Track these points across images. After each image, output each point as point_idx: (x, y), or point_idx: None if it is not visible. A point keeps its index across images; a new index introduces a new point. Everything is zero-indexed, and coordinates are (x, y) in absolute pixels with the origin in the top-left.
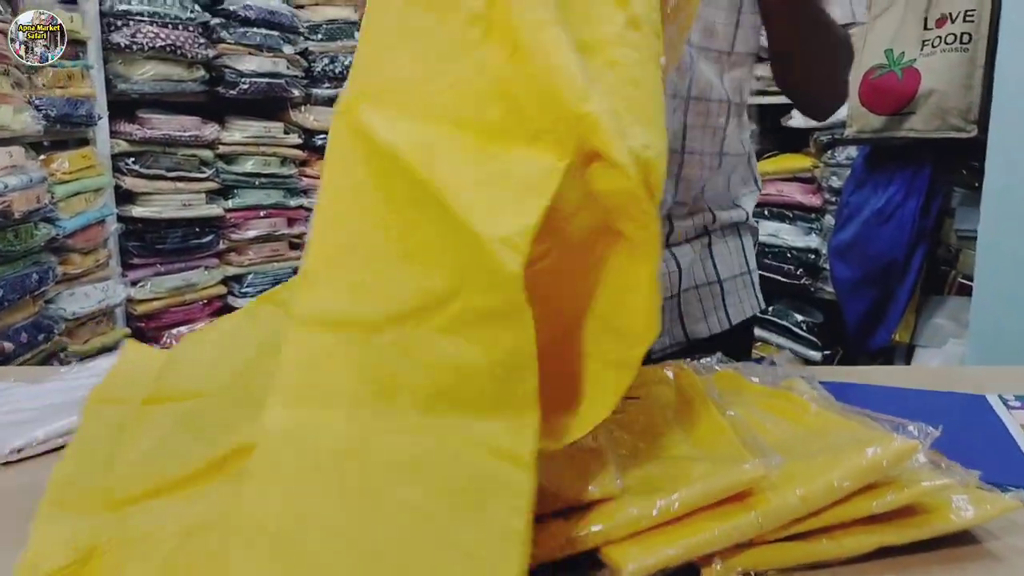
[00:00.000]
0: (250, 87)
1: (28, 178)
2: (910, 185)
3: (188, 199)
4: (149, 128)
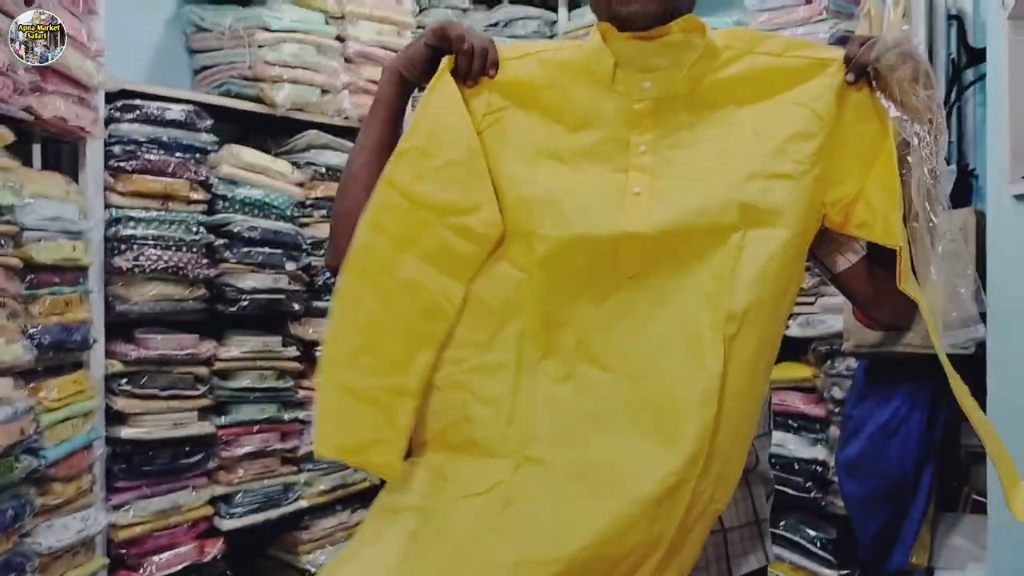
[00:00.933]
0: (250, 303)
1: (13, 410)
2: (913, 399)
3: (180, 418)
4: (146, 348)
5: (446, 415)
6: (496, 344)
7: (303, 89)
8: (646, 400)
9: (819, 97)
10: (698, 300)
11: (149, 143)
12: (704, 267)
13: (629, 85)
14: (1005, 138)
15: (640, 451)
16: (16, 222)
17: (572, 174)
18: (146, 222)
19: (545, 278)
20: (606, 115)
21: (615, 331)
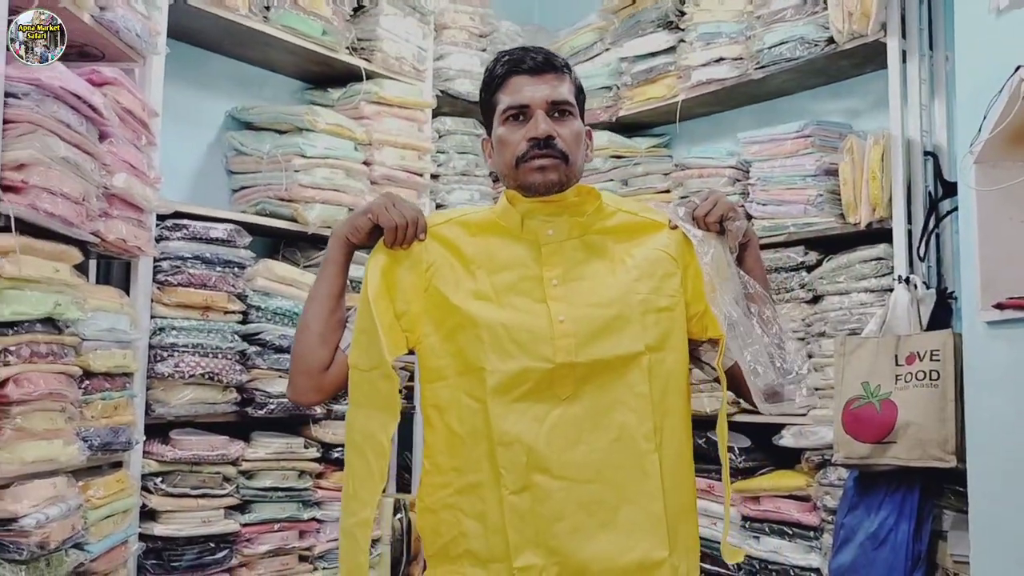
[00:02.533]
0: (277, 407)
1: (67, 507)
2: (901, 509)
3: (207, 516)
4: (180, 449)
5: (445, 532)
6: (470, 467)
7: (332, 209)
8: (599, 501)
9: (668, 244)
10: (626, 414)
11: (194, 259)
12: (625, 386)
13: (535, 232)
14: (976, 271)
15: (607, 542)
16: (79, 333)
17: (502, 310)
18: (187, 331)
19: (496, 405)
20: (520, 258)
21: (558, 444)
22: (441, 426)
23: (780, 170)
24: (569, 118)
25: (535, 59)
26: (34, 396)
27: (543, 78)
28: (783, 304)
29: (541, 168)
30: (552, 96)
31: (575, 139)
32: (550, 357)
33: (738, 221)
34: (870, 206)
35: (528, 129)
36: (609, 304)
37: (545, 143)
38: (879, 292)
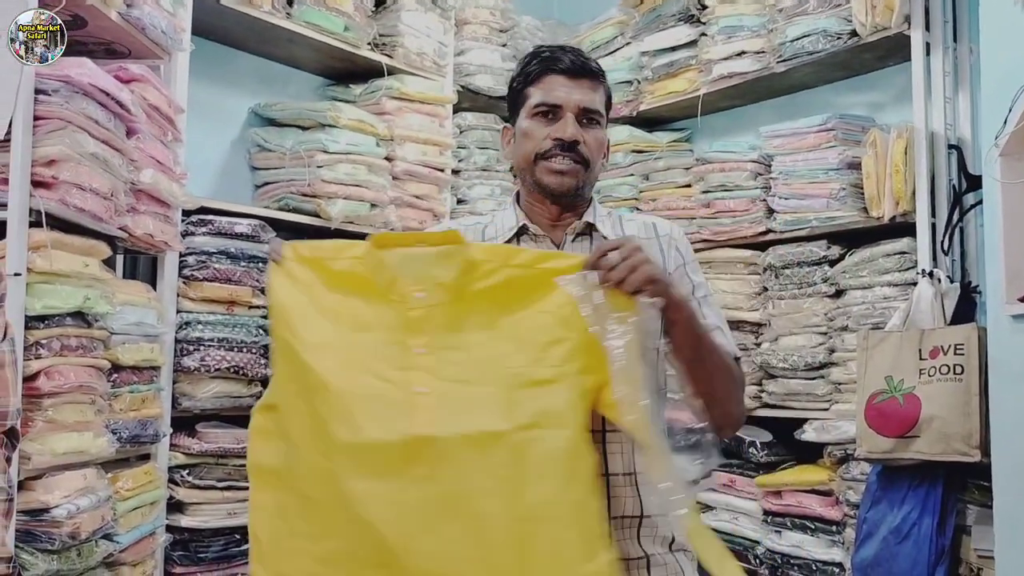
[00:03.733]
0: None
1: (97, 498)
2: (924, 503)
3: (233, 508)
4: (207, 441)
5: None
6: (328, 533)
7: (354, 204)
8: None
9: (563, 304)
10: (487, 502)
11: (219, 254)
12: (486, 469)
13: (404, 296)
14: (1001, 264)
15: None
16: (107, 327)
17: (359, 375)
18: (212, 325)
19: (347, 475)
20: (384, 320)
21: (412, 528)
22: (297, 488)
23: (802, 164)
24: (596, 127)
25: (575, 61)
26: (64, 389)
27: (579, 82)
28: (805, 299)
29: (560, 172)
30: (585, 102)
31: (598, 148)
32: (405, 429)
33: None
34: (893, 200)
35: (556, 129)
36: (477, 378)
37: (570, 146)
38: (902, 286)
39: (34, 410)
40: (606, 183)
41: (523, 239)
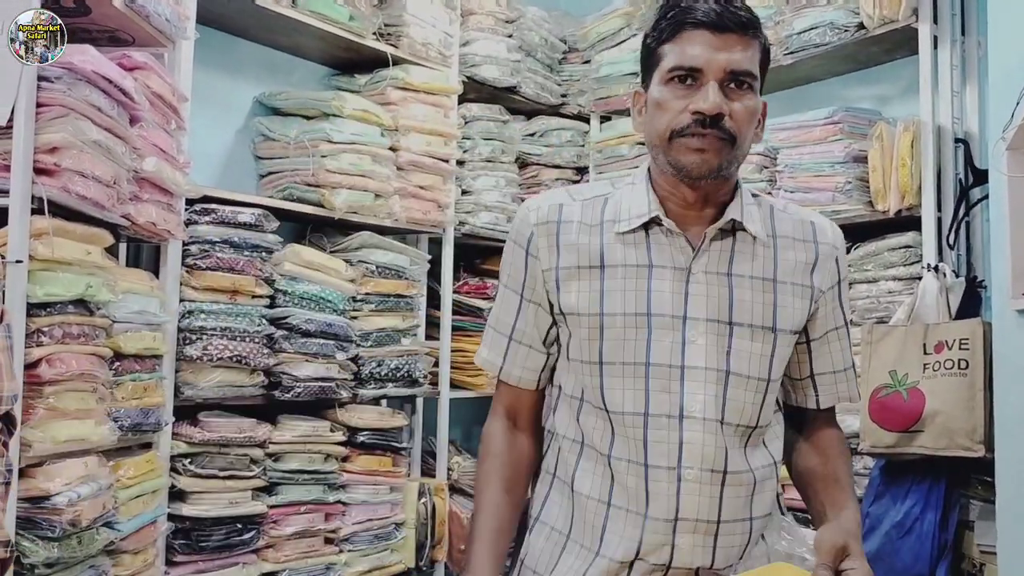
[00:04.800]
0: (303, 391)
1: (98, 486)
2: (927, 498)
3: (235, 497)
4: (208, 431)
5: None
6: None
7: (358, 194)
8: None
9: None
10: None
11: (222, 243)
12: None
13: None
14: (1007, 258)
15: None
16: (110, 315)
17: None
18: (215, 314)
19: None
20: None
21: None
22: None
23: (809, 157)
24: (748, 92)
25: (721, 12)
26: (66, 376)
27: (725, 38)
28: None
29: (700, 150)
30: (732, 64)
31: (749, 118)
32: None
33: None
34: (899, 193)
35: (696, 100)
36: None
37: (713, 120)
38: (908, 280)
39: (35, 397)
40: (613, 176)
41: (652, 232)
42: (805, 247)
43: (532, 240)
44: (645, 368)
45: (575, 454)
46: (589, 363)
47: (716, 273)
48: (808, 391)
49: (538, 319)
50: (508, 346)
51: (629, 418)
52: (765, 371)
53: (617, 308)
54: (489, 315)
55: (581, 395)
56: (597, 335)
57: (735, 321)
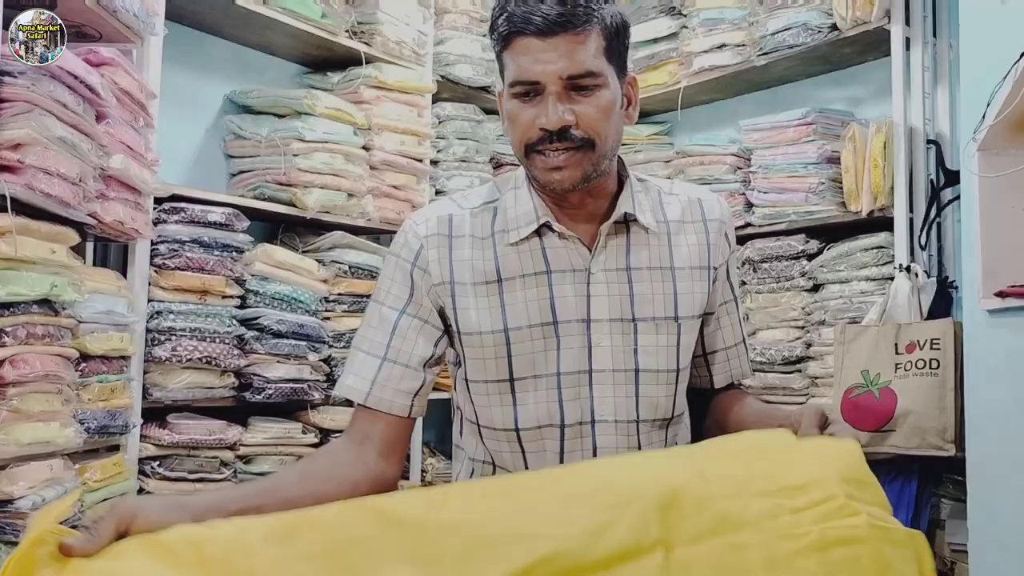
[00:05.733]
0: (275, 392)
1: (64, 489)
2: (899, 497)
3: None
4: (178, 433)
5: None
6: None
7: (331, 194)
8: None
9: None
10: None
11: (192, 242)
12: None
13: None
14: (978, 258)
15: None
16: (75, 316)
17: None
18: (184, 315)
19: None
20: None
21: None
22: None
23: (782, 158)
24: (595, 92)
25: (545, 14)
26: (30, 378)
27: (555, 42)
28: (783, 293)
29: (557, 168)
30: (569, 70)
31: (603, 115)
32: None
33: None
34: (872, 194)
35: (539, 112)
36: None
37: (560, 134)
38: (880, 281)
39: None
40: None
41: (545, 236)
42: (695, 228)
43: (421, 253)
44: (556, 379)
45: (488, 475)
46: (497, 382)
47: (615, 270)
48: (702, 371)
49: (422, 336)
50: (380, 367)
51: (546, 430)
52: (673, 362)
53: (522, 321)
54: (355, 339)
55: (479, 419)
56: (504, 352)
57: (638, 317)
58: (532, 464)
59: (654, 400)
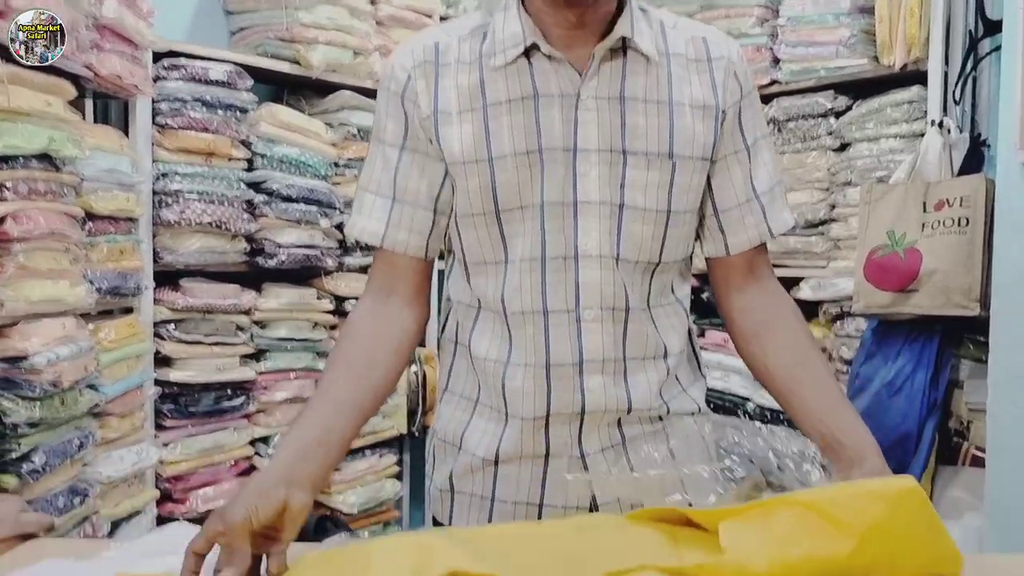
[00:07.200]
0: (287, 258)
1: (78, 348)
2: (919, 358)
3: (223, 363)
4: (191, 296)
5: None
6: None
7: (337, 51)
8: None
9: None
10: None
11: (194, 101)
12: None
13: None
14: (1017, 107)
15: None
16: (78, 173)
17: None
18: (191, 177)
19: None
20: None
21: None
22: None
23: (812, 8)
24: None
25: None
26: (35, 235)
27: None
28: (809, 153)
29: None
30: None
31: None
32: None
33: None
34: (906, 46)
35: None
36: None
37: None
38: (910, 138)
39: (4, 255)
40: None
41: (535, 59)
42: (699, 67)
43: (409, 85)
44: (540, 209)
45: (471, 319)
46: (483, 215)
47: (607, 98)
48: (715, 235)
49: (427, 172)
50: (391, 208)
51: (526, 264)
52: (664, 202)
53: (506, 149)
54: (360, 179)
55: (466, 256)
56: (488, 182)
57: (628, 150)
58: (513, 301)
59: (638, 240)
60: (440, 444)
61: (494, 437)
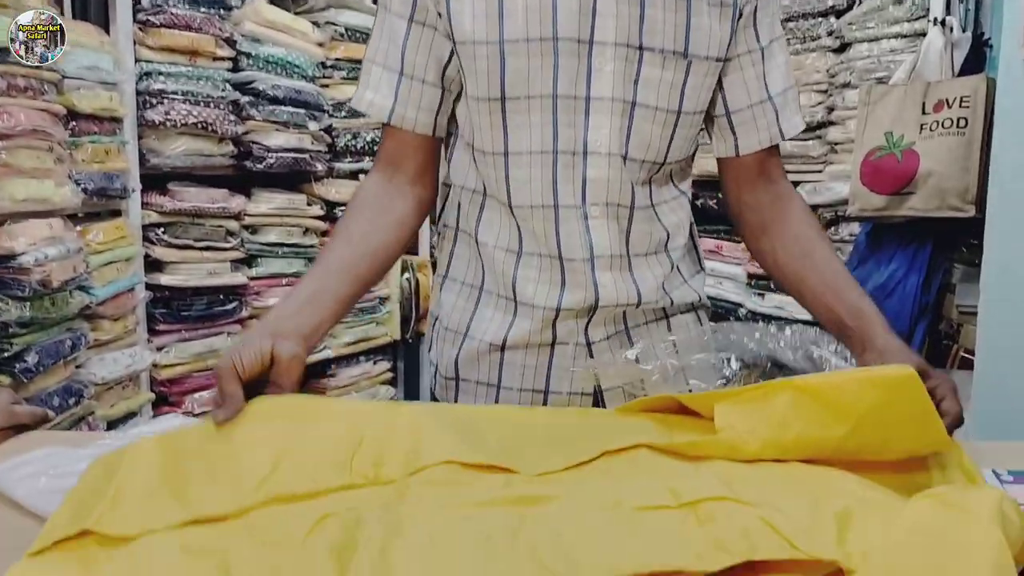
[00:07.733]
0: (276, 162)
1: (66, 248)
2: (911, 262)
3: (214, 268)
4: (179, 200)
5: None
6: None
7: None
8: None
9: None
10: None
11: None
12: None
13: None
14: (1022, 2)
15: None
16: (58, 70)
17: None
18: (175, 76)
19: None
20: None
21: None
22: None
23: None
24: None
25: None
26: (17, 131)
27: None
28: (808, 54)
29: None
30: None
31: None
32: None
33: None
34: None
35: None
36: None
37: None
38: (911, 38)
39: None
40: None
41: None
42: None
43: None
44: (552, 101)
45: (476, 206)
46: (488, 100)
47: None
48: (726, 134)
49: (435, 46)
50: (399, 83)
51: (536, 157)
52: (676, 103)
53: (519, 33)
54: (367, 49)
55: (473, 139)
56: (497, 66)
57: (645, 46)
58: (520, 194)
59: (647, 139)
60: (444, 332)
61: (502, 325)
